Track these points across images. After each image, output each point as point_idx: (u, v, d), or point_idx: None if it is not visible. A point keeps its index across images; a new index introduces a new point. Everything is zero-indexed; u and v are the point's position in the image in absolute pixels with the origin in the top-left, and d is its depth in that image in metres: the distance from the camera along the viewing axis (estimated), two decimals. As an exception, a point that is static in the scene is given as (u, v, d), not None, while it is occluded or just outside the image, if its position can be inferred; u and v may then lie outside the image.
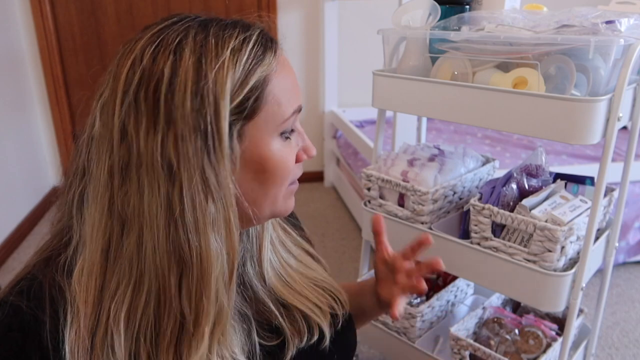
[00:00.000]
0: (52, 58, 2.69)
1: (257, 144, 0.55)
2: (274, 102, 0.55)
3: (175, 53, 0.50)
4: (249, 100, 0.53)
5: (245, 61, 0.52)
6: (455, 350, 1.14)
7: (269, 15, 0.61)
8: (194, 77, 0.50)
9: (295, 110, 0.58)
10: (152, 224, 0.50)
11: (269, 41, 0.56)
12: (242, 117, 0.53)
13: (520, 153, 2.39)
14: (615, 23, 0.84)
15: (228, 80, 0.51)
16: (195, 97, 0.49)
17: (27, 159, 2.58)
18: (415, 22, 1.08)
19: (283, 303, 0.67)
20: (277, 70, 0.56)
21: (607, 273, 1.14)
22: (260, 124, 0.55)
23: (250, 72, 0.53)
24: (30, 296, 0.52)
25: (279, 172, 0.57)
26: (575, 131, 0.85)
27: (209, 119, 0.50)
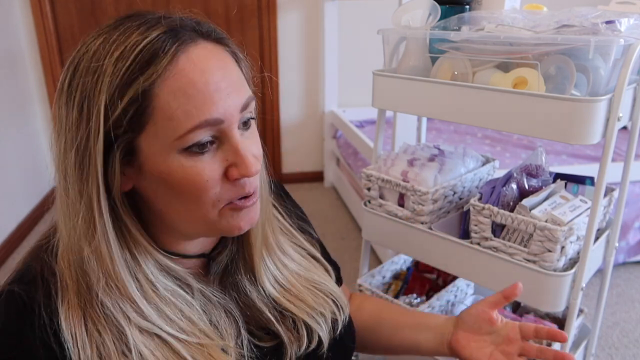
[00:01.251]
0: (52, 58, 2.69)
1: (153, 159, 0.52)
2: (164, 116, 0.50)
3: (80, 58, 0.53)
4: (128, 113, 0.49)
5: (126, 70, 0.49)
6: (455, 350, 1.14)
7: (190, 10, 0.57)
8: (81, 85, 0.51)
9: (200, 124, 0.50)
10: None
11: (169, 44, 0.50)
12: (129, 129, 0.50)
13: (520, 153, 2.39)
14: (615, 23, 0.84)
15: (104, 91, 0.49)
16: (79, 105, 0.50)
17: (27, 159, 2.58)
18: (415, 22, 1.08)
19: (281, 311, 0.66)
20: (170, 79, 0.49)
21: (607, 273, 1.14)
22: (151, 138, 0.51)
23: (127, 82, 0.49)
24: (24, 280, 0.55)
25: (189, 189, 0.53)
26: (575, 131, 0.85)
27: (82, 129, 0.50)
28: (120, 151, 0.51)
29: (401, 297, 1.30)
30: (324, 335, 0.67)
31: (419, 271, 1.41)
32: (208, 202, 0.54)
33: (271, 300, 0.66)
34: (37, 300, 0.53)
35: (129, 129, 0.50)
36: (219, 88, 0.51)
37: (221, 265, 0.66)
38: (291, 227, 0.75)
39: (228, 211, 0.56)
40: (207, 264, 0.66)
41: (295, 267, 0.71)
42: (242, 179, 0.54)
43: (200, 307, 0.59)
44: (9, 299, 0.54)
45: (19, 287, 0.54)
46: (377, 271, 1.35)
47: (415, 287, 1.35)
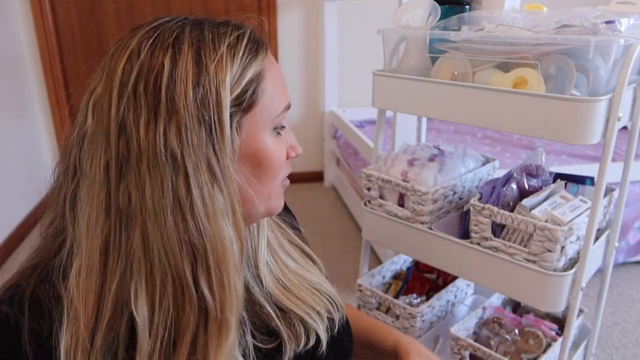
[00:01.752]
0: (52, 58, 2.69)
1: (254, 137, 0.56)
2: (268, 96, 0.57)
3: (173, 47, 0.51)
4: (247, 93, 0.54)
5: (242, 55, 0.54)
6: (455, 350, 1.14)
7: (259, 17, 0.62)
8: (194, 69, 0.51)
9: (286, 106, 0.60)
10: (157, 216, 0.49)
11: (260, 40, 0.58)
12: (240, 109, 0.54)
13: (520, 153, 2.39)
14: (615, 23, 0.84)
15: (227, 72, 0.52)
16: (197, 87, 0.50)
17: (27, 159, 2.58)
18: (415, 22, 1.08)
19: (280, 307, 0.67)
20: (269, 66, 0.57)
21: (607, 273, 1.14)
22: (256, 117, 0.56)
23: (247, 66, 0.54)
24: (12, 303, 0.52)
25: (274, 166, 0.59)
26: (575, 131, 0.85)
27: (212, 109, 0.51)
28: (235, 131, 0.54)
29: (401, 297, 1.30)
30: (322, 334, 0.67)
31: (419, 271, 1.41)
32: (279, 179, 0.61)
33: (271, 297, 0.67)
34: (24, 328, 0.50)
35: (242, 110, 0.55)
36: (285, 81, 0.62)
37: None
38: (283, 224, 0.76)
39: (279, 187, 0.63)
40: None
41: (294, 266, 0.72)
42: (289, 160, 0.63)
43: None
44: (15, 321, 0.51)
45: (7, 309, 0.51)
46: (377, 271, 1.35)
47: (415, 287, 1.35)
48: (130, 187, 0.50)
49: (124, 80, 0.50)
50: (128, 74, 0.50)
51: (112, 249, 0.51)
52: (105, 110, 0.50)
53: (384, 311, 1.31)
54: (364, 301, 1.32)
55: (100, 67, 0.54)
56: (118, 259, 0.51)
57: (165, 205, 0.49)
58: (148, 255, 0.50)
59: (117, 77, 0.50)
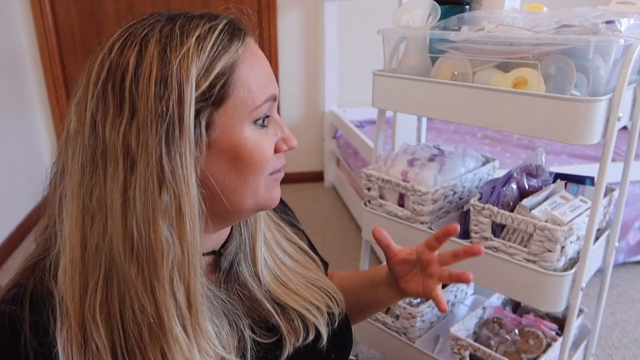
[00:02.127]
0: (52, 58, 2.69)
1: (229, 132, 0.55)
2: (244, 88, 0.55)
3: (140, 44, 0.51)
4: (216, 86, 0.53)
5: (211, 48, 0.53)
6: (455, 350, 1.14)
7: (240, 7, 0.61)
8: (158, 65, 0.50)
9: (269, 97, 0.57)
10: (111, 213, 0.50)
11: (236, 30, 0.56)
12: (209, 104, 0.53)
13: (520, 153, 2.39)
14: (615, 23, 0.84)
15: (192, 66, 0.51)
16: (158, 84, 0.50)
17: (27, 159, 2.58)
18: (415, 22, 1.08)
19: (279, 303, 0.67)
20: (245, 57, 0.55)
21: (607, 273, 1.14)
22: (230, 111, 0.54)
23: (215, 58, 0.53)
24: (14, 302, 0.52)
25: (255, 159, 0.57)
26: (575, 131, 0.85)
27: (171, 106, 0.50)
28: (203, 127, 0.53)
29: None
30: (322, 328, 0.68)
31: (419, 271, 1.40)
32: (264, 173, 0.59)
33: (269, 293, 0.67)
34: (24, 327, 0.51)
35: (211, 104, 0.53)
36: (271, 71, 0.60)
37: (228, 259, 0.66)
38: (280, 221, 0.76)
39: (269, 181, 0.61)
40: (216, 260, 0.66)
41: (291, 264, 0.72)
42: (282, 153, 0.61)
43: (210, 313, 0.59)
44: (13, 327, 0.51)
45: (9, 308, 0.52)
46: (377, 271, 1.35)
47: (415, 287, 1.35)
48: (95, 185, 0.51)
49: (95, 80, 0.51)
50: (99, 73, 0.51)
51: (89, 245, 0.52)
52: (82, 110, 0.52)
53: (384, 311, 1.31)
54: (364, 301, 1.32)
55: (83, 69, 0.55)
56: (92, 255, 0.52)
57: (117, 202, 0.50)
58: (105, 253, 0.51)
59: (92, 77, 0.51)
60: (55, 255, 0.54)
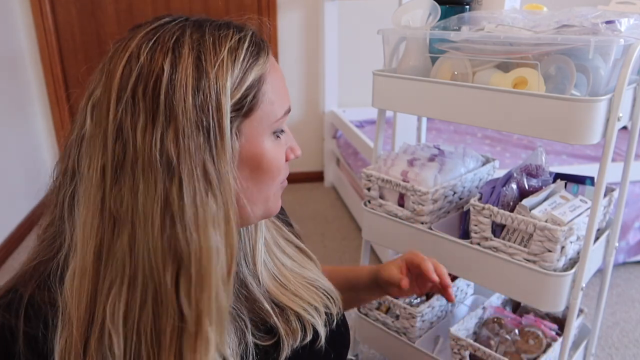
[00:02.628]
0: (52, 58, 2.69)
1: (253, 142, 0.56)
2: (269, 101, 0.56)
3: (173, 50, 0.50)
4: (247, 97, 0.54)
5: (243, 60, 0.54)
6: (455, 350, 1.14)
7: (260, 18, 0.62)
8: (194, 74, 0.50)
9: (287, 110, 0.60)
10: (147, 221, 0.49)
11: (262, 42, 0.58)
12: (240, 114, 0.54)
13: (520, 153, 2.39)
14: (615, 23, 0.84)
15: (228, 77, 0.52)
16: (196, 93, 0.50)
17: (27, 159, 2.58)
18: (415, 22, 1.08)
19: (277, 303, 0.67)
20: (270, 70, 0.57)
21: (607, 273, 1.14)
22: (256, 122, 0.56)
23: (247, 70, 0.54)
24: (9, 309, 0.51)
25: (273, 169, 0.59)
26: (575, 131, 0.85)
27: (211, 115, 0.50)
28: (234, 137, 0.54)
29: (400, 297, 1.30)
30: (320, 328, 0.68)
31: (419, 271, 1.40)
32: (278, 182, 0.61)
33: (268, 294, 0.67)
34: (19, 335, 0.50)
35: (242, 115, 0.54)
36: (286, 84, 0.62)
37: None
38: (277, 221, 0.77)
39: (278, 190, 0.63)
40: None
41: (290, 263, 0.73)
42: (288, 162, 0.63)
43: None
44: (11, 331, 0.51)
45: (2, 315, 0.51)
46: (377, 271, 1.35)
47: (415, 287, 1.35)
48: (124, 191, 0.49)
49: (123, 83, 0.49)
50: (127, 77, 0.49)
51: (105, 253, 0.50)
52: (103, 113, 0.50)
53: (384, 311, 1.31)
54: (364, 301, 1.32)
55: (99, 68, 0.53)
56: (109, 263, 0.50)
57: (155, 210, 0.49)
58: (132, 261, 0.50)
59: (116, 80, 0.50)
60: (62, 260, 0.53)
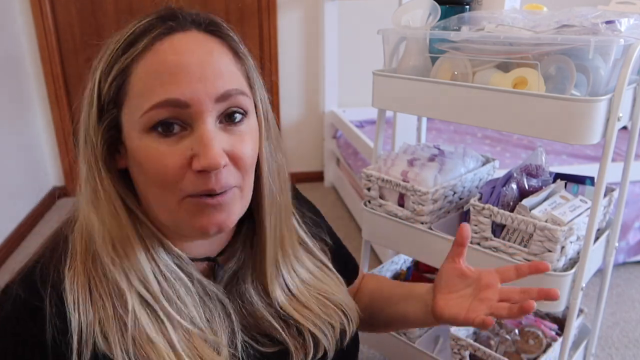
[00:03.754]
0: (52, 58, 2.68)
1: (128, 137, 0.54)
2: (137, 93, 0.52)
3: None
4: (112, 88, 0.53)
5: (114, 50, 0.53)
6: (455, 350, 1.14)
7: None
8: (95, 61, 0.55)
9: (162, 102, 0.50)
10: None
11: (155, 27, 0.52)
12: (109, 106, 0.54)
13: (520, 153, 2.39)
14: (615, 23, 0.84)
15: (100, 66, 0.54)
16: (89, 77, 0.55)
17: (27, 159, 2.58)
18: (415, 22, 1.08)
19: (286, 319, 0.65)
20: (148, 56, 0.51)
21: (607, 273, 1.14)
22: (127, 115, 0.53)
23: (114, 61, 0.53)
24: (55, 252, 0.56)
25: (151, 171, 0.52)
26: (575, 131, 0.85)
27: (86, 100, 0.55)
28: (105, 126, 0.54)
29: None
30: (329, 347, 0.65)
31: (419, 271, 1.41)
32: (169, 188, 0.53)
33: (278, 308, 0.65)
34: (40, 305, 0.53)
35: (114, 105, 0.54)
36: (190, 71, 0.51)
37: (228, 273, 0.65)
38: (305, 236, 0.73)
39: (189, 205, 0.54)
40: (212, 268, 0.64)
41: (307, 277, 0.69)
42: (208, 173, 0.52)
43: (197, 295, 0.58)
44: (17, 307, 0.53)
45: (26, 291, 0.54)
46: (377, 271, 1.35)
47: (415, 287, 1.35)
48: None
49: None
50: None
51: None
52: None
53: (384, 311, 1.31)
54: (364, 301, 1.32)
55: None
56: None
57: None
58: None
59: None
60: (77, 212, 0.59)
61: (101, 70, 0.53)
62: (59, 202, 2.82)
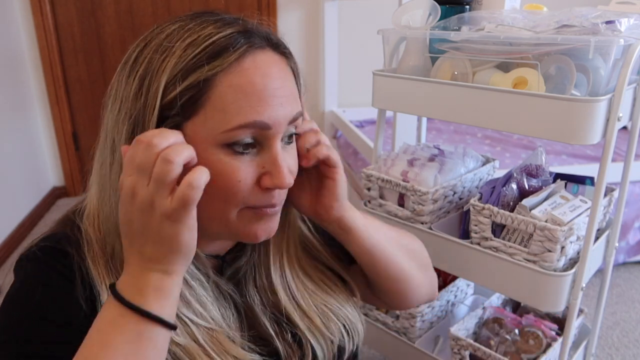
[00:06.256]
0: (52, 58, 2.69)
1: (198, 147, 0.51)
2: (218, 107, 0.51)
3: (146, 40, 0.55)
4: (184, 97, 0.51)
5: (192, 57, 0.50)
6: (455, 350, 1.14)
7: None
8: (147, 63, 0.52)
9: (248, 124, 0.51)
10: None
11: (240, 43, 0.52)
12: (176, 114, 0.51)
13: (520, 153, 2.39)
14: (615, 23, 0.84)
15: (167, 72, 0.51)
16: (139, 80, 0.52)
17: (27, 159, 2.58)
18: (415, 22, 1.08)
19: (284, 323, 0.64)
20: (234, 74, 0.51)
21: (607, 273, 1.14)
22: (197, 126, 0.51)
23: (193, 69, 0.50)
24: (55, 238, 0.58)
25: (220, 186, 0.52)
26: (575, 131, 0.85)
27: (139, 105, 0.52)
28: None
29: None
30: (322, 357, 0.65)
31: (419, 271, 1.40)
32: (233, 203, 0.54)
33: (276, 312, 0.65)
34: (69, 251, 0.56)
35: (180, 113, 0.51)
36: (275, 95, 0.53)
37: (234, 271, 0.65)
38: (316, 241, 0.71)
39: (248, 214, 0.55)
40: (219, 265, 0.65)
41: (312, 285, 0.68)
42: (273, 190, 0.55)
43: (213, 294, 0.60)
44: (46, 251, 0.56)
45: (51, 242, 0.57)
46: (377, 271, 1.35)
47: (415, 287, 1.35)
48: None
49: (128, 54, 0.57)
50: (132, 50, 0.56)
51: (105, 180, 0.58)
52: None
53: (384, 311, 1.31)
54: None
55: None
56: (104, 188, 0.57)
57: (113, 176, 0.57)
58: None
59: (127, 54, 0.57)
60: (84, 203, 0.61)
61: (171, 73, 0.50)
62: (59, 202, 2.82)
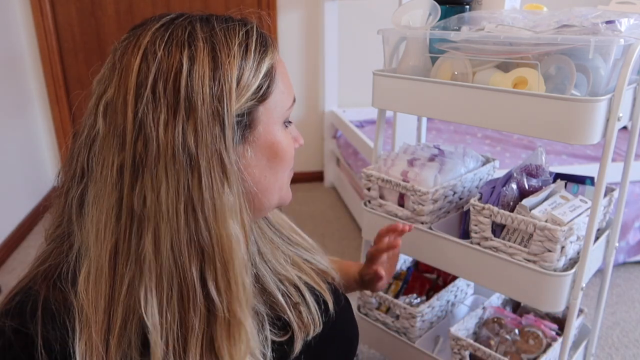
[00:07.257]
0: (52, 58, 2.68)
1: (269, 131, 0.58)
2: (279, 91, 0.58)
3: (189, 44, 0.51)
4: (262, 87, 0.55)
5: (255, 50, 0.55)
6: (455, 350, 1.14)
7: (259, 12, 0.63)
8: (210, 65, 0.51)
9: (294, 99, 0.63)
10: (171, 217, 0.49)
11: (265, 35, 0.59)
12: (255, 104, 0.55)
13: (520, 153, 2.39)
14: (615, 23, 0.84)
15: (243, 67, 0.53)
16: (213, 83, 0.50)
17: (27, 159, 2.58)
18: (415, 22, 1.08)
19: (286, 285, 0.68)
20: (278, 60, 0.59)
21: (607, 273, 1.14)
22: (271, 110, 0.58)
23: (260, 61, 0.55)
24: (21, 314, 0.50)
25: (287, 157, 0.61)
26: (575, 131, 0.85)
27: (226, 105, 0.51)
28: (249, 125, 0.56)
29: (401, 297, 1.30)
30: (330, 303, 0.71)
31: (419, 271, 1.41)
32: (289, 169, 0.63)
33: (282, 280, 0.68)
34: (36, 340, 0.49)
35: (257, 104, 0.56)
36: None
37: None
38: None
39: (289, 178, 0.65)
40: None
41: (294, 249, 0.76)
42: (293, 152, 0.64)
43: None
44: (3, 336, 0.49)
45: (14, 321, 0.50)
46: (377, 271, 1.35)
47: (415, 287, 1.35)
48: (146, 189, 0.49)
49: (141, 80, 0.49)
50: (145, 73, 0.49)
51: (122, 253, 0.50)
52: (120, 111, 0.50)
53: (384, 311, 1.31)
54: (364, 301, 1.32)
55: (108, 67, 0.53)
56: (127, 262, 0.50)
57: (179, 205, 0.49)
58: (158, 258, 0.49)
59: (133, 77, 0.49)
60: (73, 262, 0.53)
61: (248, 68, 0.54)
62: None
